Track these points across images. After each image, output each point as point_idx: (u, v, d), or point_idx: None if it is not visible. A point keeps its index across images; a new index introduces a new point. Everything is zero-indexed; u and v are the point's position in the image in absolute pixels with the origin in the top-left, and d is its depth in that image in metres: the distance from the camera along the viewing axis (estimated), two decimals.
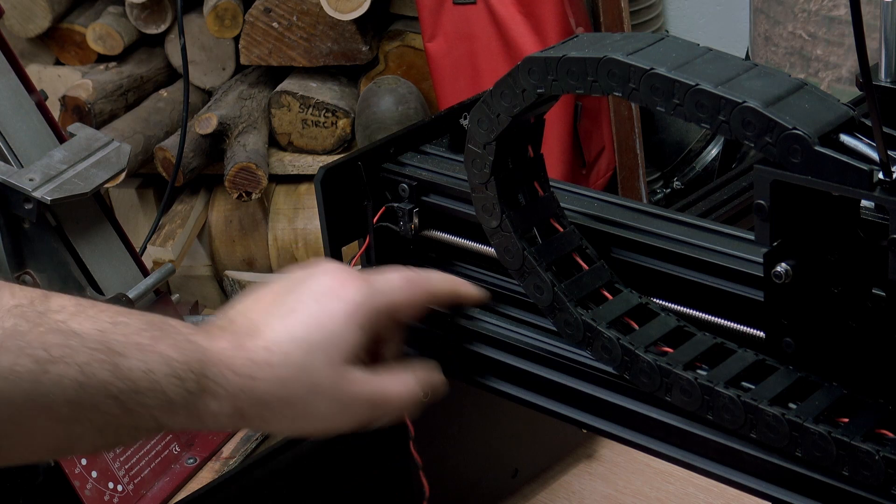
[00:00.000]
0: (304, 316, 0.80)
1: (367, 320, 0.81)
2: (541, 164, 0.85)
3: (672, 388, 0.77)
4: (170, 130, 2.68)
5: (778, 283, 0.72)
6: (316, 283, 0.82)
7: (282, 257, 2.72)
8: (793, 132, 0.67)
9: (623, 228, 0.85)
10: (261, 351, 0.78)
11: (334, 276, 0.83)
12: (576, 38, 0.78)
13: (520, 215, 0.84)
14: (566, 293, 0.81)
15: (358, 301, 0.81)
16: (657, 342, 0.79)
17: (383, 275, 0.85)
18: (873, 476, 0.69)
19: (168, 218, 2.68)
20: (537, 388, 0.87)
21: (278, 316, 0.80)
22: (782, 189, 0.69)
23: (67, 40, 2.80)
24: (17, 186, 1.63)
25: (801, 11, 2.00)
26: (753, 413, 0.73)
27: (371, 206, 0.96)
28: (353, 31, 2.60)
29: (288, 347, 0.78)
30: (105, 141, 1.79)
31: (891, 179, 0.65)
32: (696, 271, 0.81)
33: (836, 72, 1.97)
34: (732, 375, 0.76)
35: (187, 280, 2.75)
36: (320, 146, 2.67)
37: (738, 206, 1.17)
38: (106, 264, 1.75)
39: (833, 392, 0.73)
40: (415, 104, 2.56)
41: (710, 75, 0.70)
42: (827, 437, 0.71)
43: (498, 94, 0.79)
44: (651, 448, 0.83)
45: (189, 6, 2.65)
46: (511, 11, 2.43)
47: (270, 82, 2.74)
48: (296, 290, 0.82)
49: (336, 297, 0.81)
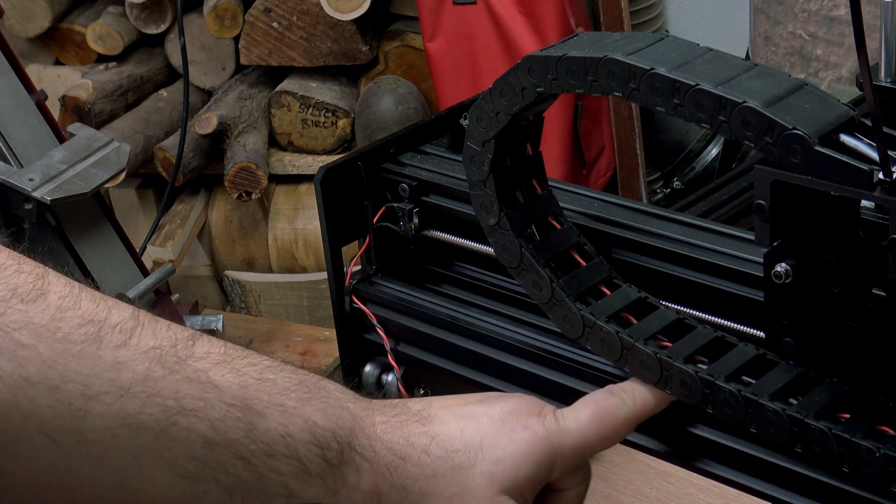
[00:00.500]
0: (484, 427, 0.75)
1: (546, 459, 0.75)
2: (539, 161, 0.86)
3: (672, 381, 0.77)
4: (170, 130, 2.67)
5: (778, 283, 0.72)
6: (509, 403, 0.77)
7: (282, 257, 2.72)
8: (793, 132, 0.67)
9: (623, 228, 0.85)
10: (423, 437, 0.74)
11: (530, 404, 0.78)
12: (576, 38, 0.78)
13: (518, 213, 0.84)
14: (564, 289, 0.81)
15: (542, 435, 0.75)
16: (657, 335, 0.79)
17: (573, 411, 0.77)
18: (874, 473, 0.69)
19: (168, 218, 2.68)
20: (537, 388, 0.87)
21: (458, 416, 0.76)
22: (782, 189, 0.69)
23: (67, 40, 2.80)
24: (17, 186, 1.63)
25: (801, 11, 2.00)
26: (754, 408, 0.73)
27: (371, 206, 0.96)
28: (353, 31, 2.60)
29: (454, 445, 0.74)
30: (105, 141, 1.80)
31: (891, 179, 0.65)
32: (696, 271, 0.81)
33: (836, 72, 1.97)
34: (733, 370, 0.76)
35: (187, 280, 2.74)
36: (320, 146, 2.67)
37: (738, 206, 1.17)
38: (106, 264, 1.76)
39: (834, 388, 0.73)
40: (415, 104, 2.56)
41: (710, 75, 0.70)
42: (827, 434, 0.71)
43: (497, 93, 0.79)
44: (651, 448, 0.83)
45: (189, 6, 2.65)
46: (511, 11, 2.42)
47: (270, 82, 2.74)
48: (487, 402, 0.77)
49: (523, 425, 0.76)
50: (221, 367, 0.69)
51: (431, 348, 0.94)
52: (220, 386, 0.68)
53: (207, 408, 0.67)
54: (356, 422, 0.72)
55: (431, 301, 0.94)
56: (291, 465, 0.69)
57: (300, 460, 0.69)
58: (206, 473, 0.67)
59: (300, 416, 0.70)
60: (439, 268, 0.97)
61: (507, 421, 0.75)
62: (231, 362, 0.69)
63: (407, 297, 0.95)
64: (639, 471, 1.21)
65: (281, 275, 2.71)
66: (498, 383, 0.90)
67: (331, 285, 0.97)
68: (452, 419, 0.75)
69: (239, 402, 0.68)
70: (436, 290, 0.96)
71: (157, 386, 0.66)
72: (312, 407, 0.70)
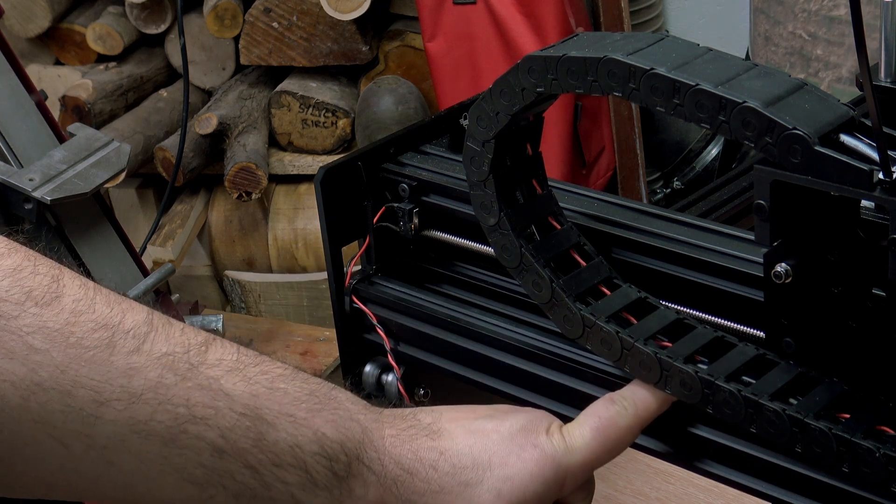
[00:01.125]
0: (493, 444, 0.75)
1: (555, 478, 0.75)
2: (539, 162, 0.85)
3: (672, 381, 0.77)
4: (170, 130, 2.67)
5: (778, 283, 0.72)
6: (519, 419, 0.77)
7: (282, 257, 2.72)
8: (793, 132, 0.67)
9: (623, 228, 0.85)
10: (432, 451, 0.73)
11: (539, 421, 0.77)
12: (576, 38, 0.78)
13: (518, 213, 0.83)
14: (564, 289, 0.81)
15: (550, 454, 0.75)
16: (657, 335, 0.79)
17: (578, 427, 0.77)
18: (873, 473, 0.69)
19: (168, 218, 2.68)
20: (537, 388, 0.87)
21: (467, 431, 0.75)
22: (782, 189, 0.69)
23: (67, 40, 2.80)
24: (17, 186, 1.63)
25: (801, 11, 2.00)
26: (754, 408, 0.73)
27: (371, 206, 0.96)
28: (353, 31, 2.60)
29: (462, 462, 0.74)
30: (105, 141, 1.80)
31: (891, 179, 0.65)
32: (696, 271, 0.81)
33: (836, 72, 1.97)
34: (733, 370, 0.76)
35: (187, 280, 2.74)
36: (320, 146, 2.67)
37: (738, 206, 1.17)
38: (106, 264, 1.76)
39: (834, 388, 0.73)
40: (415, 104, 2.56)
41: (710, 75, 0.70)
42: (827, 434, 0.71)
43: (497, 93, 0.79)
44: (651, 448, 0.83)
45: (189, 6, 2.65)
46: (511, 11, 2.42)
47: (270, 82, 2.74)
48: (497, 418, 0.77)
49: (532, 443, 0.75)
50: (233, 374, 0.69)
51: (431, 348, 0.94)
52: (231, 394, 0.68)
53: (218, 416, 0.67)
54: (365, 434, 0.72)
55: (431, 301, 0.94)
56: (299, 475, 0.69)
57: (307, 471, 0.69)
58: (214, 480, 0.68)
59: (309, 428, 0.70)
60: (439, 268, 0.97)
61: (516, 439, 0.75)
62: (243, 370, 0.69)
63: (407, 297, 0.95)
64: (639, 471, 1.21)
65: (281, 275, 2.71)
66: (498, 383, 0.90)
67: (331, 285, 0.97)
68: (462, 434, 0.75)
69: (249, 412, 0.68)
70: (436, 290, 0.96)
71: (169, 393, 0.66)
72: (322, 418, 0.70)
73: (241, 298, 2.72)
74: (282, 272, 2.72)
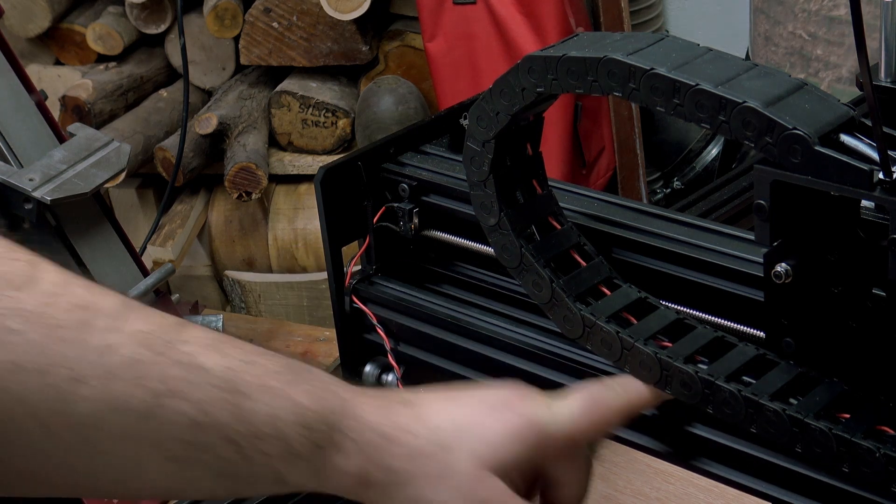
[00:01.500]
0: (471, 409, 0.75)
1: (535, 440, 0.74)
2: (539, 162, 0.86)
3: (672, 381, 0.77)
4: (170, 130, 2.67)
5: (778, 283, 0.72)
6: (497, 391, 0.77)
7: (282, 257, 2.72)
8: (793, 132, 0.67)
9: (623, 228, 0.85)
10: (408, 418, 0.73)
11: (517, 391, 0.77)
12: (576, 38, 0.78)
13: (518, 213, 0.84)
14: (564, 289, 0.81)
15: (530, 417, 0.75)
16: (657, 335, 0.79)
17: (565, 399, 0.77)
18: (874, 473, 0.69)
19: (168, 218, 2.68)
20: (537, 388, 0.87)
21: (444, 400, 0.76)
22: (782, 189, 0.69)
23: (67, 40, 2.80)
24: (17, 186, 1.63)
25: (801, 11, 2.00)
26: (754, 408, 0.73)
27: (371, 206, 0.96)
28: (353, 31, 2.60)
29: (439, 425, 0.73)
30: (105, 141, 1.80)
31: (891, 179, 0.65)
32: (696, 271, 0.81)
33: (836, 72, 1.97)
34: (733, 370, 0.76)
35: (187, 280, 2.74)
36: (320, 146, 2.67)
37: (738, 206, 1.17)
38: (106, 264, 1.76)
39: (834, 388, 0.73)
40: (415, 104, 2.56)
41: (710, 75, 0.70)
42: (828, 434, 0.71)
43: (497, 93, 0.79)
44: (651, 448, 0.83)
45: (189, 6, 2.65)
46: (511, 11, 2.43)
47: (270, 82, 2.74)
48: (474, 391, 0.77)
49: (510, 408, 0.75)
50: (209, 350, 0.69)
51: (431, 348, 0.94)
52: (208, 368, 0.68)
53: (194, 390, 0.67)
54: (343, 404, 0.72)
55: (431, 301, 0.94)
56: (279, 446, 0.69)
57: (287, 441, 0.69)
58: (195, 456, 0.68)
59: (287, 398, 0.70)
60: (439, 268, 0.97)
61: (496, 405, 0.75)
62: (218, 346, 0.69)
63: (407, 297, 0.95)
64: (639, 471, 1.21)
65: (281, 275, 2.71)
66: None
67: (331, 285, 0.97)
68: (440, 401, 0.75)
69: (226, 384, 0.68)
70: (436, 290, 0.96)
71: (145, 369, 0.66)
72: (300, 389, 0.70)
73: (241, 298, 2.72)
74: (282, 272, 2.72)
